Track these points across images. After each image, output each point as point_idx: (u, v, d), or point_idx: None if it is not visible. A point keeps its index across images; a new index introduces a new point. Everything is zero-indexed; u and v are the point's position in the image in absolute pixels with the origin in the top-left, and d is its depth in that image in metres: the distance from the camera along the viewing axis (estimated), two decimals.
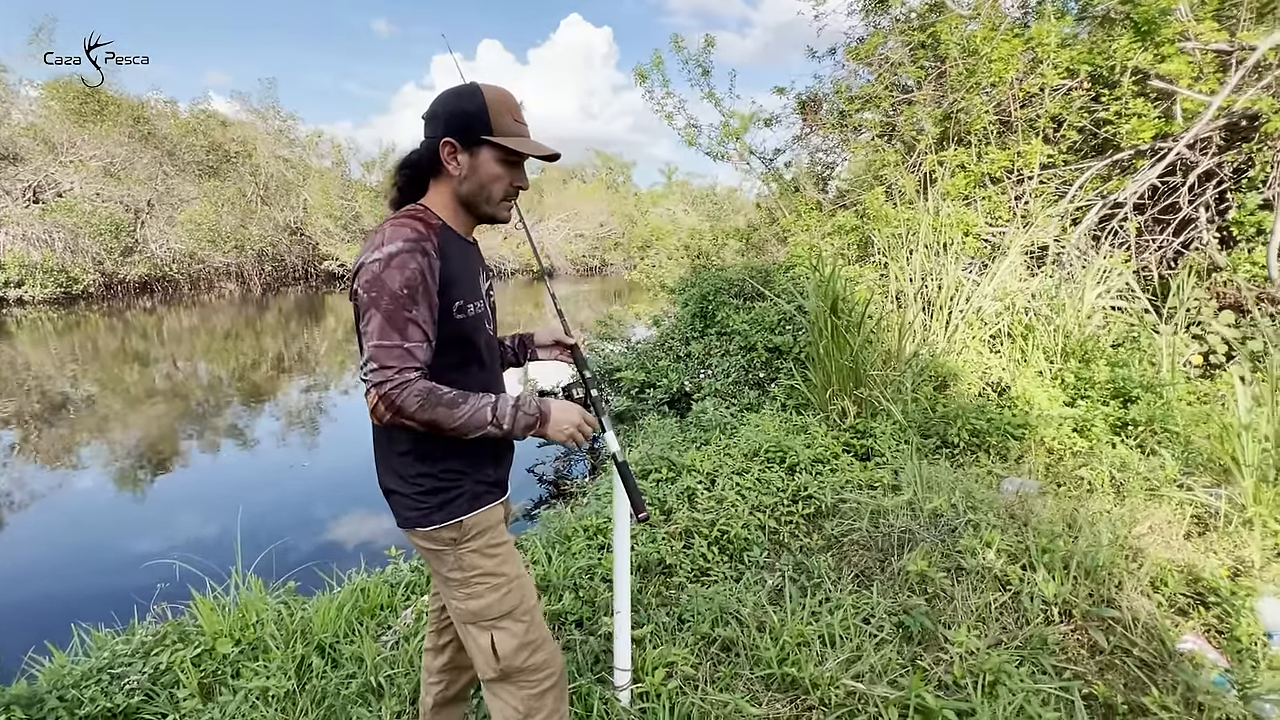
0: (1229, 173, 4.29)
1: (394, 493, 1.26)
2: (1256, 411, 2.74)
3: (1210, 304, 4.25)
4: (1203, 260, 4.44)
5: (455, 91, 1.23)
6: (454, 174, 1.21)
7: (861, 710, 1.67)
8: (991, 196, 5.14)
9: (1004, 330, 4.49)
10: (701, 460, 3.33)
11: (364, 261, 1.13)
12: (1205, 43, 4.21)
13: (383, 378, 1.11)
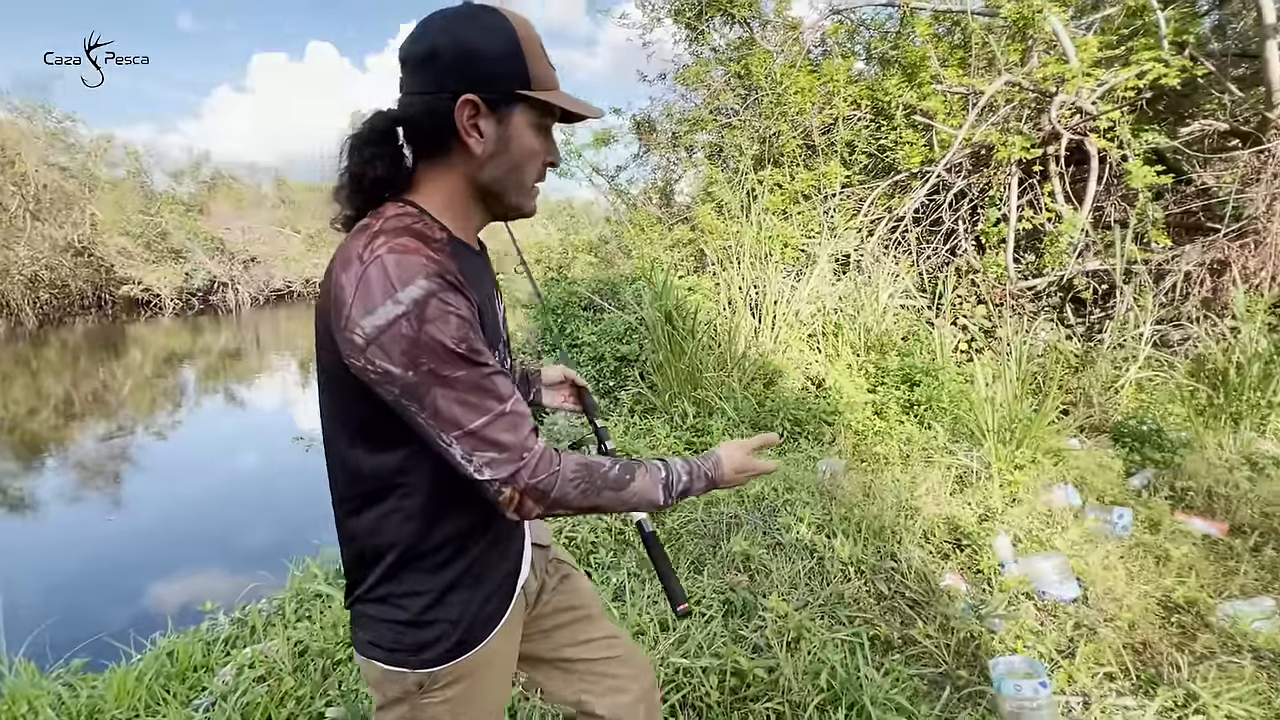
0: (977, 192, 5.24)
1: (363, 616, 0.89)
2: (994, 386, 3.38)
3: (970, 300, 5.14)
4: (964, 264, 5.35)
5: (463, 19, 0.78)
6: (475, 151, 0.79)
7: (686, 683, 1.84)
8: (804, 212, 5.79)
9: (819, 330, 5.08)
10: None
11: (380, 324, 0.71)
12: (950, 86, 5.10)
13: (513, 467, 0.76)
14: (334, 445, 0.85)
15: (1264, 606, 2.13)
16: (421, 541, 0.85)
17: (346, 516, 0.87)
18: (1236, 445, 3.15)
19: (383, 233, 0.74)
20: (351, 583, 0.90)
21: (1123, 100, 4.49)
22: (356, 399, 0.78)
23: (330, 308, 0.74)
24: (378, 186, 0.81)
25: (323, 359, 0.80)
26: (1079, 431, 3.84)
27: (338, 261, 0.75)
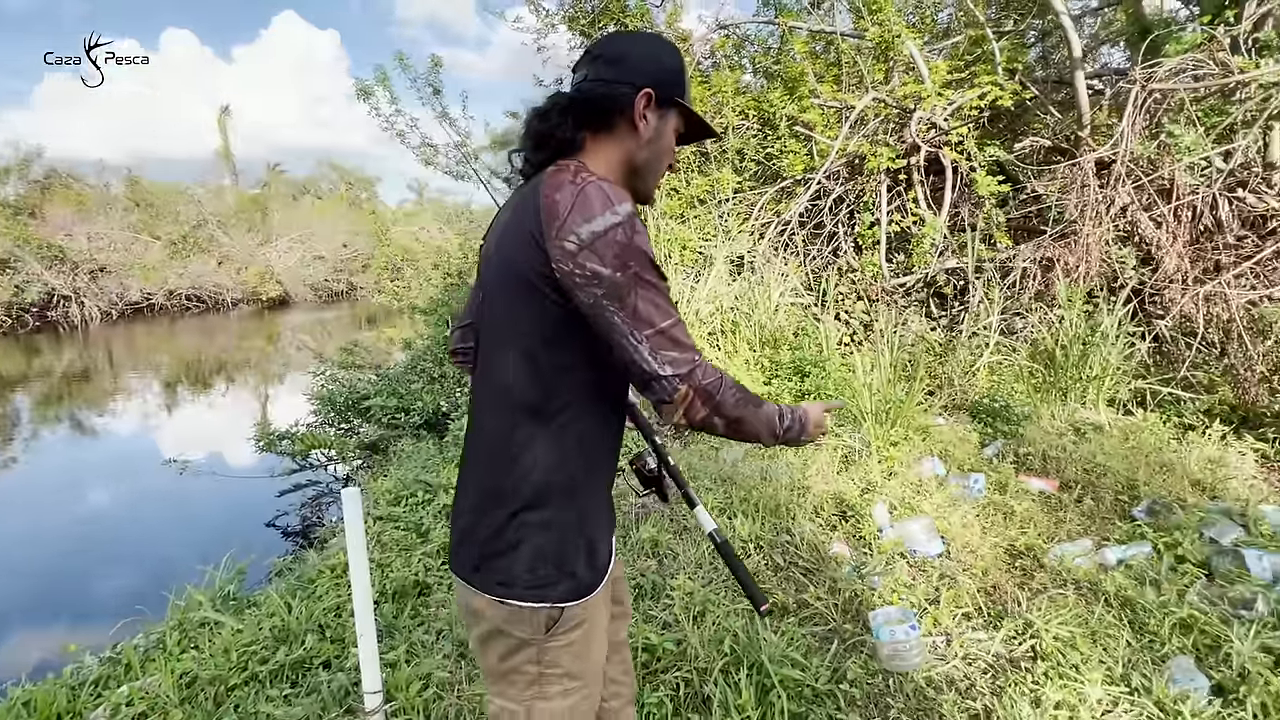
0: (853, 198, 5.73)
1: (498, 555, 0.92)
2: (870, 374, 3.74)
3: (851, 296, 5.60)
4: (845, 264, 5.82)
5: (650, 39, 1.04)
6: (641, 133, 0.97)
7: None
8: (700, 216, 6.05)
9: (718, 328, 5.33)
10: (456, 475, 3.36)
11: (598, 230, 0.82)
12: (825, 100, 5.55)
13: (689, 366, 0.86)
14: (507, 362, 0.91)
15: (1084, 546, 2.53)
16: (575, 473, 0.93)
17: (507, 444, 0.92)
18: (1065, 415, 3.68)
19: (574, 169, 0.89)
20: (484, 523, 0.93)
21: (968, 118, 5.10)
22: (549, 306, 0.86)
23: (537, 222, 0.85)
24: (559, 146, 0.96)
25: (511, 277, 0.90)
26: (944, 410, 4.32)
27: (547, 186, 0.87)
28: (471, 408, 1.05)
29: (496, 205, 7.94)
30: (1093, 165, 4.17)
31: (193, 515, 4.84)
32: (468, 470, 1.01)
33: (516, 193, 1.01)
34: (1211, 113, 4.14)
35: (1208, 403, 3.69)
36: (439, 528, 2.90)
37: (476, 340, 1.06)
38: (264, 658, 2.05)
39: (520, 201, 0.93)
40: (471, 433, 1.02)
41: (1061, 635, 2.01)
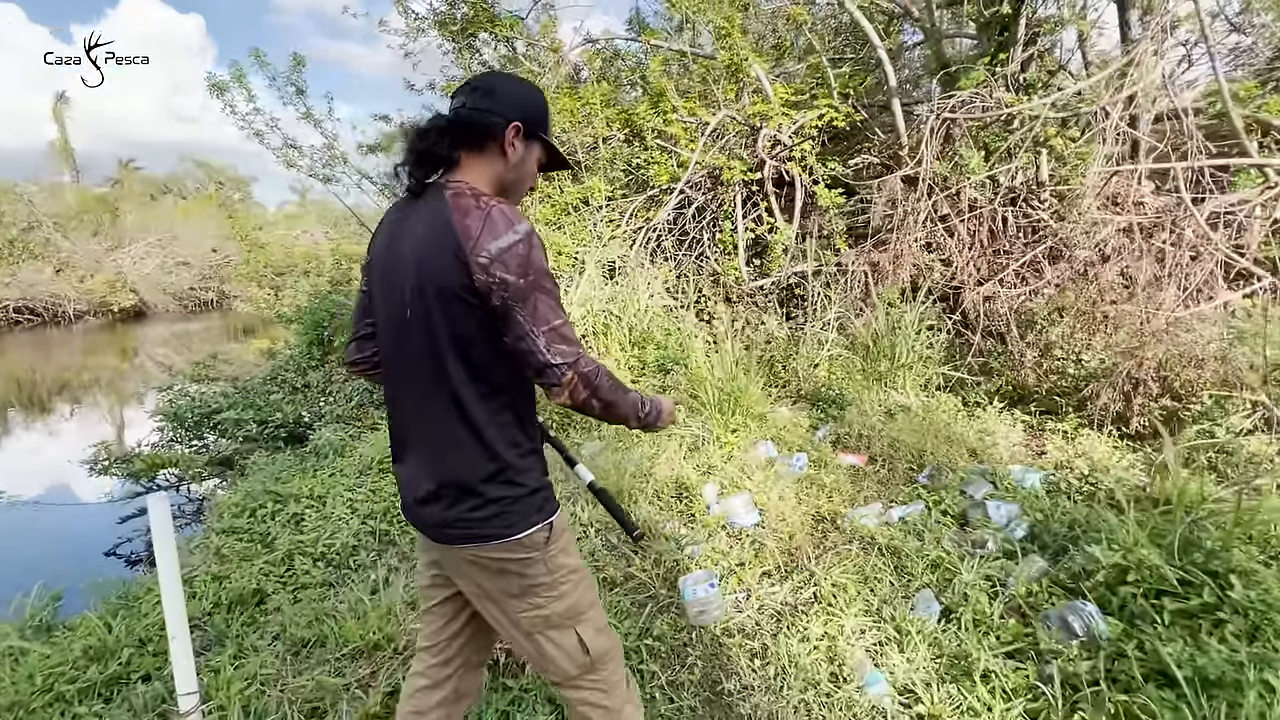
0: (715, 207, 6.16)
1: (497, 500, 1.14)
2: (715, 369, 4.09)
3: (714, 299, 6.02)
4: (710, 268, 6.24)
5: (521, 81, 1.25)
6: (509, 158, 1.18)
7: None
8: (575, 222, 6.25)
9: (591, 330, 5.55)
10: (312, 485, 3.34)
11: (503, 246, 1.04)
12: (683, 115, 5.94)
13: (574, 355, 1.09)
14: (447, 360, 1.10)
15: (876, 509, 2.95)
16: (521, 435, 1.18)
17: (464, 426, 1.12)
18: (881, 399, 4.21)
19: (473, 194, 1.10)
20: (467, 497, 1.14)
21: (809, 136, 5.65)
22: (473, 310, 1.07)
23: (456, 243, 1.05)
24: (437, 162, 1.15)
25: (439, 289, 1.07)
26: (791, 401, 4.78)
27: (456, 211, 1.07)
28: (402, 404, 1.22)
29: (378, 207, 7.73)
30: (899, 181, 4.79)
31: (11, 551, 4.39)
32: (422, 461, 1.19)
33: (408, 205, 1.18)
34: (995, 138, 4.88)
35: (995, 385, 4.36)
36: (285, 536, 2.89)
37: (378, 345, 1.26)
38: (73, 678, 2.00)
39: (430, 220, 1.10)
40: (413, 426, 1.20)
41: (838, 581, 2.37)
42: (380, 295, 1.22)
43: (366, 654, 2.07)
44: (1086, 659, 1.88)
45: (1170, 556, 2.08)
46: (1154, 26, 3.86)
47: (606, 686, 1.28)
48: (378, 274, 1.22)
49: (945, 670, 1.93)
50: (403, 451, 1.24)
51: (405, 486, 1.25)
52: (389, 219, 1.25)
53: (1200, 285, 3.59)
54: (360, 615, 2.25)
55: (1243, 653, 1.72)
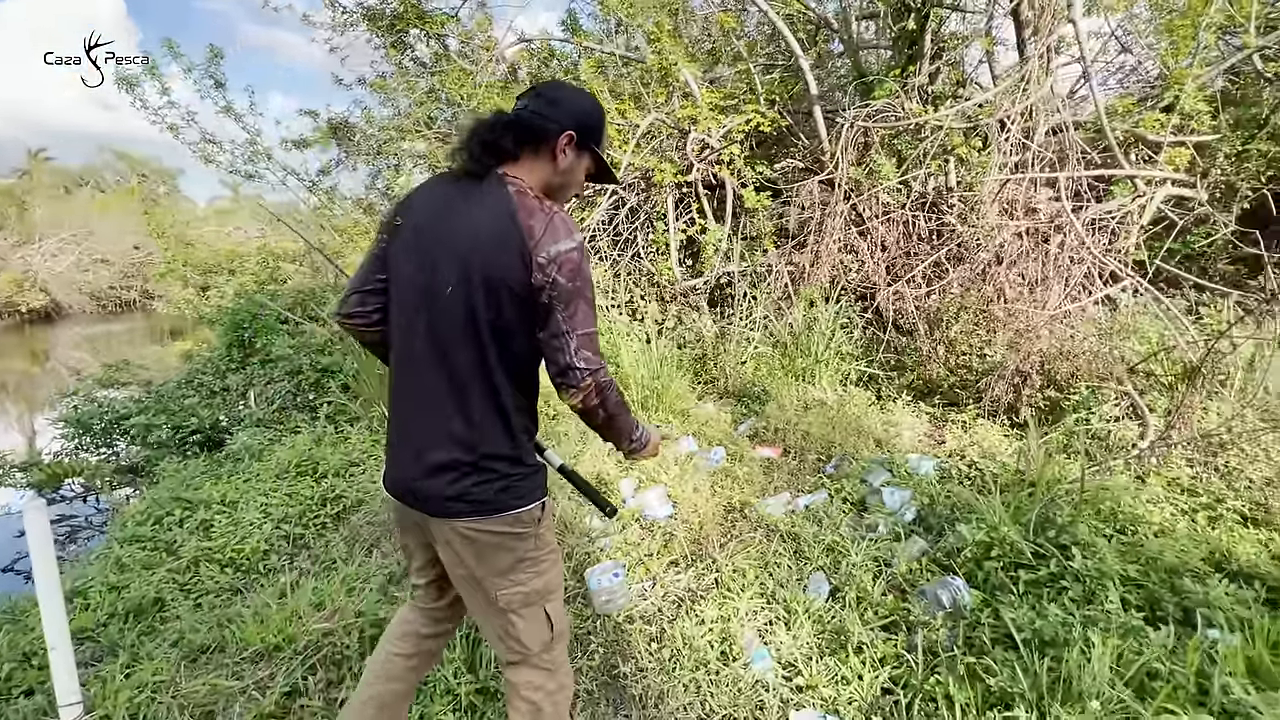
0: (650, 208, 6.27)
1: (508, 476, 1.23)
2: (639, 366, 4.20)
3: (651, 299, 6.13)
4: (645, 269, 6.35)
5: (583, 94, 1.34)
6: (559, 163, 1.26)
7: (330, 643, 2.06)
8: None
9: None
10: (224, 491, 3.26)
11: (561, 250, 1.14)
12: (613, 118, 6.03)
13: (597, 365, 1.19)
14: (483, 339, 1.18)
15: (784, 498, 3.11)
16: (531, 420, 1.31)
17: (487, 405, 1.21)
18: (799, 394, 4.41)
19: (537, 197, 1.21)
20: (481, 472, 1.21)
21: (737, 140, 5.83)
22: (523, 302, 1.16)
23: (516, 238, 1.14)
24: (502, 153, 1.24)
25: (489, 275, 1.15)
26: (719, 397, 4.93)
27: (522, 210, 1.17)
28: (421, 376, 1.24)
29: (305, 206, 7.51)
30: (817, 185, 5.01)
31: None
32: (438, 433, 1.23)
33: (462, 185, 1.25)
34: (907, 146, 5.17)
35: (907, 379, 4.63)
36: (192, 543, 2.82)
37: (385, 306, 1.32)
38: None
39: (493, 210, 1.18)
40: (433, 398, 1.23)
41: (739, 567, 2.50)
42: (412, 261, 1.24)
43: (267, 656, 2.07)
44: (949, 628, 2.07)
45: (1028, 533, 2.30)
46: (1040, 45, 4.17)
47: (554, 665, 1.37)
48: (415, 240, 1.25)
49: (826, 645, 2.08)
50: (411, 422, 1.28)
51: (408, 458, 1.27)
52: (437, 191, 1.29)
53: (1078, 286, 3.91)
54: (264, 619, 2.24)
55: (1076, 615, 1.92)
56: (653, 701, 1.91)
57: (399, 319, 1.28)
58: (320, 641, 2.06)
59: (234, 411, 4.51)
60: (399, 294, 1.28)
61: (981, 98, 4.77)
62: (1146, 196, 4.13)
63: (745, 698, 1.89)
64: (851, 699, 1.86)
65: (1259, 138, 5.20)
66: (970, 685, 1.79)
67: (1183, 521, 2.51)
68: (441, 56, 6.60)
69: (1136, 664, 1.69)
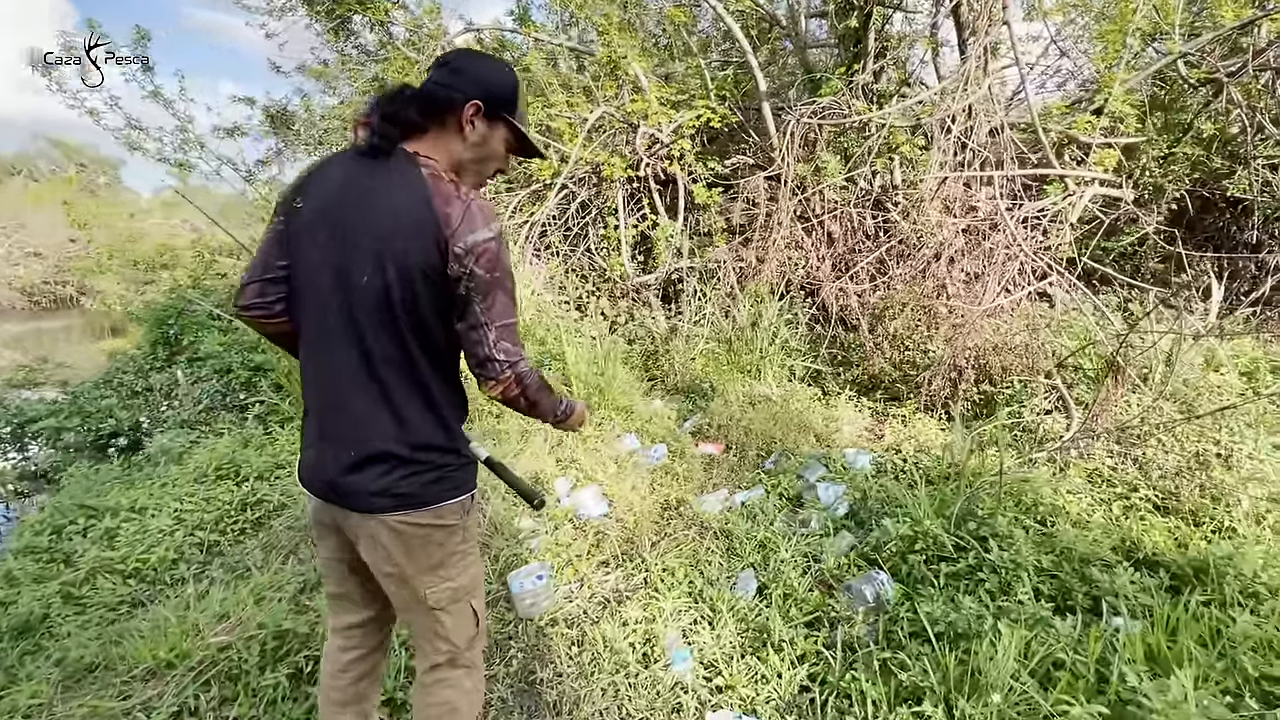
0: (600, 202, 6.20)
1: (441, 467, 1.21)
2: (579, 363, 4.14)
3: (604, 294, 6.06)
4: (598, 264, 6.28)
5: (489, 60, 1.24)
6: (466, 136, 1.19)
7: (227, 657, 1.94)
8: None
9: None
10: (135, 497, 3.08)
11: (479, 240, 1.10)
12: (561, 110, 5.94)
13: (517, 356, 1.17)
14: (400, 329, 1.13)
15: (722, 495, 3.09)
16: (459, 407, 1.26)
17: (412, 394, 1.17)
18: (744, 390, 4.41)
19: (452, 182, 1.14)
20: (409, 464, 1.17)
21: (688, 135, 5.80)
22: (438, 291, 1.12)
23: (432, 226, 1.09)
24: (406, 126, 1.16)
25: (400, 262, 1.09)
26: (667, 394, 4.90)
27: (436, 196, 1.10)
28: (336, 368, 1.17)
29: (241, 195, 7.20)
30: (763, 181, 5.02)
31: None
32: (360, 427, 1.17)
33: (366, 163, 1.15)
34: (853, 143, 5.21)
35: (852, 374, 4.67)
36: (92, 553, 2.65)
37: (286, 296, 1.23)
38: None
39: (404, 193, 1.11)
40: (351, 391, 1.17)
41: (669, 566, 2.47)
42: (319, 248, 1.15)
43: (158, 674, 1.94)
44: (870, 623, 2.07)
45: (950, 526, 2.32)
46: (976, 47, 4.25)
47: (473, 664, 1.37)
48: (320, 225, 1.15)
49: (748, 644, 2.05)
50: (331, 417, 1.20)
51: (327, 454, 1.20)
52: (340, 170, 1.18)
53: (1010, 282, 4.00)
54: (162, 633, 2.10)
55: (990, 607, 1.94)
56: (568, 708, 1.86)
57: (308, 309, 1.19)
58: (216, 657, 1.94)
59: (156, 412, 4.28)
60: (306, 282, 1.19)
61: (922, 96, 4.84)
62: (1076, 195, 4.24)
63: (663, 700, 1.85)
64: (769, 698, 1.84)
65: (1184, 142, 5.42)
66: (884, 681, 1.79)
67: (1099, 511, 2.58)
68: (386, 44, 6.40)
69: (1041, 655, 1.71)
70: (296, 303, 1.22)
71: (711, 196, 5.64)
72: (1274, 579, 1.87)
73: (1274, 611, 1.78)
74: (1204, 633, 1.74)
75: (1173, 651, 1.68)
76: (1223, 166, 5.39)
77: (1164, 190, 5.35)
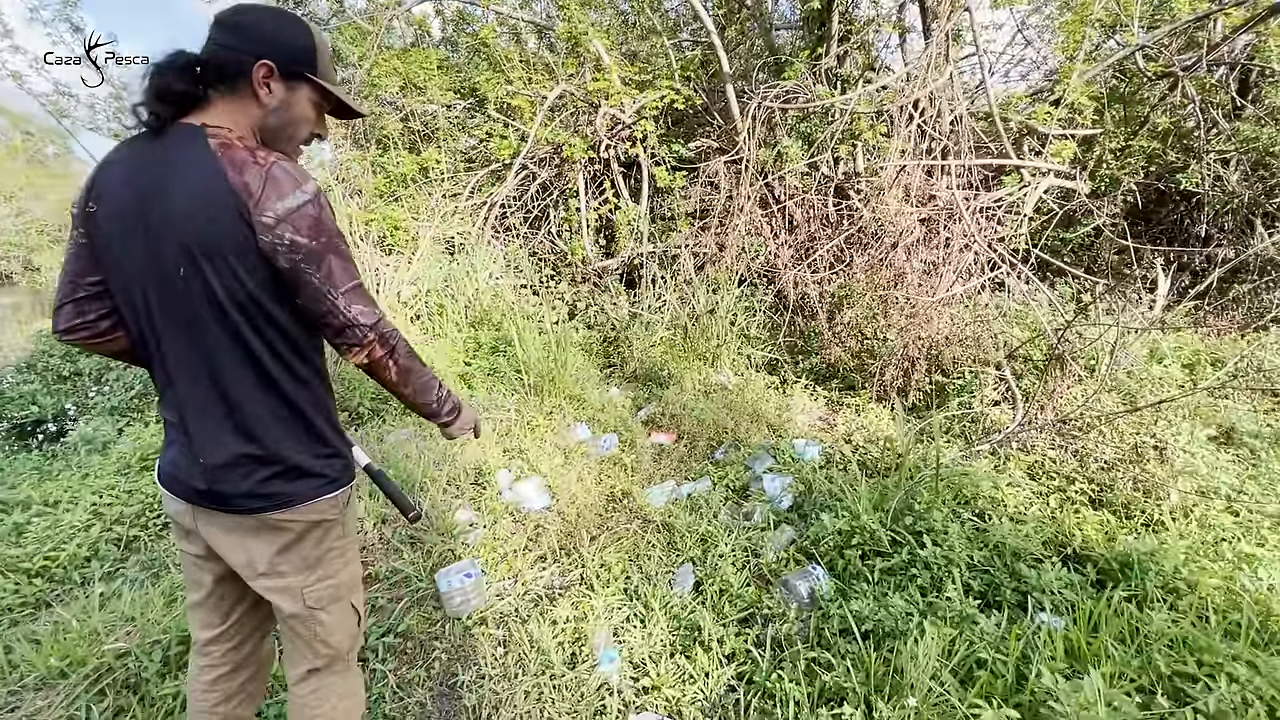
0: (561, 184, 6.05)
1: (299, 467, 1.13)
2: (528, 350, 4.04)
3: (565, 278, 5.94)
4: (558, 247, 6.14)
5: (279, 14, 1.10)
6: (264, 101, 1.07)
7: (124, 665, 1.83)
8: (413, 195, 5.89)
9: (423, 309, 5.29)
10: (50, 490, 2.91)
11: (291, 207, 1.00)
12: (519, 88, 5.76)
13: (375, 316, 1.10)
14: (230, 324, 1.03)
15: (669, 486, 3.05)
16: (320, 393, 1.17)
17: (262, 392, 1.08)
18: (700, 379, 4.36)
19: (247, 148, 1.02)
20: (267, 462, 1.10)
21: (651, 116, 5.67)
22: (256, 270, 1.01)
23: (229, 201, 0.97)
24: (181, 100, 1.03)
25: (207, 248, 0.99)
26: (624, 381, 4.82)
27: (228, 166, 0.98)
28: (180, 373, 1.08)
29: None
30: (724, 166, 4.94)
31: None
32: (216, 431, 1.09)
33: (148, 147, 1.03)
34: (815, 128, 5.15)
35: (810, 363, 4.65)
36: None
37: (112, 310, 1.12)
38: None
39: (193, 171, 0.99)
40: (197, 395, 1.08)
41: (605, 561, 2.41)
42: (127, 251, 1.04)
43: (49, 683, 1.83)
44: (803, 620, 2.04)
45: (888, 520, 2.31)
46: (938, 34, 4.20)
47: (351, 667, 1.32)
48: (120, 227, 1.03)
49: (679, 643, 2.01)
50: (185, 424, 1.11)
51: (188, 460, 1.12)
52: (121, 161, 1.05)
53: (965, 273, 4.00)
54: (59, 639, 1.98)
55: (919, 604, 1.93)
56: (488, 712, 1.80)
57: (135, 318, 1.09)
58: (114, 664, 1.84)
59: (85, 399, 4.06)
60: (124, 292, 1.08)
61: (886, 81, 4.79)
62: (1031, 186, 4.25)
63: (586, 703, 1.80)
64: (694, 699, 1.81)
65: (1140, 135, 5.47)
66: (809, 681, 1.76)
67: (1036, 505, 2.59)
68: (339, 12, 6.10)
69: (963, 654, 1.69)
70: (123, 314, 1.11)
71: (674, 180, 5.54)
72: (1193, 574, 1.89)
73: (1191, 607, 1.80)
74: (1123, 628, 1.74)
75: (1091, 649, 1.68)
76: (1177, 160, 5.47)
77: (1119, 182, 5.41)
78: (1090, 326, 3.40)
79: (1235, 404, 3.39)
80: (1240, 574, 1.89)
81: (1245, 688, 1.49)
